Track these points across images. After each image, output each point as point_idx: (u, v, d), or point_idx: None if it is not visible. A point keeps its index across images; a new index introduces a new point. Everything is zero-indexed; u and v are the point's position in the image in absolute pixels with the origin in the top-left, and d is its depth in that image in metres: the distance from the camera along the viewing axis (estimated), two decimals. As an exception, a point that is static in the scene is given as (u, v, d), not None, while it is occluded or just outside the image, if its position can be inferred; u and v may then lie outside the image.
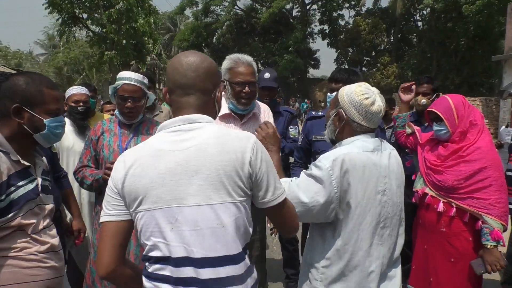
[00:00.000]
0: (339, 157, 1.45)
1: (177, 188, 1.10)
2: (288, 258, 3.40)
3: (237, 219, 1.13)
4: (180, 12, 30.94)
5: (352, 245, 1.48)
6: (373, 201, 1.49)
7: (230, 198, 1.12)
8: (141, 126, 2.32)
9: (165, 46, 35.20)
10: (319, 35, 31.20)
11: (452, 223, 2.16)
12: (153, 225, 1.11)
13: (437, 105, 2.28)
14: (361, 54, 28.72)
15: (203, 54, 1.27)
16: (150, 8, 18.24)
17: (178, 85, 1.21)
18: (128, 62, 18.82)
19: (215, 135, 1.15)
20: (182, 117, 1.18)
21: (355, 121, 1.54)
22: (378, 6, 29.21)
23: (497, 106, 13.69)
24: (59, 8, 16.59)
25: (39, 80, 1.47)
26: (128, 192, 1.13)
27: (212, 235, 1.10)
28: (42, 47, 40.88)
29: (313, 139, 2.65)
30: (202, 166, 1.11)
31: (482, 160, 2.10)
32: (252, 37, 31.43)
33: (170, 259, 1.10)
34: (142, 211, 1.12)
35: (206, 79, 1.22)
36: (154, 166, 1.12)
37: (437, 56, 23.25)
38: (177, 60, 1.23)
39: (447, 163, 2.18)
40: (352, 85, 1.59)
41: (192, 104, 1.21)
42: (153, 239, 1.11)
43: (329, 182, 1.43)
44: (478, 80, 22.52)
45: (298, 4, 29.78)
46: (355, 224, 1.48)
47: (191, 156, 1.12)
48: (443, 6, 19.94)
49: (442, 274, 2.18)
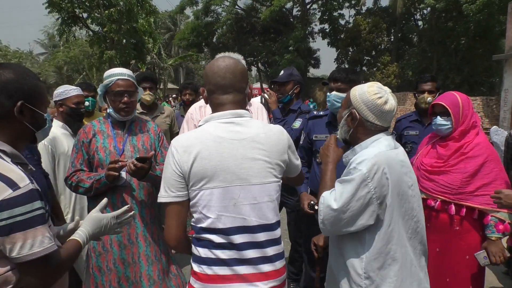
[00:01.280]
0: (373, 159, 1.47)
1: (239, 170, 1.37)
2: (292, 257, 3.40)
3: (278, 196, 1.47)
4: (180, 11, 30.89)
5: (393, 243, 1.50)
6: (406, 196, 1.53)
7: (276, 179, 1.45)
8: (133, 126, 2.28)
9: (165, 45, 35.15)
10: (319, 34, 31.14)
11: (464, 221, 2.17)
12: (218, 200, 1.36)
13: (445, 98, 2.24)
14: (361, 53, 28.65)
15: (235, 58, 1.51)
16: (151, 8, 18.21)
17: (219, 86, 1.45)
18: (128, 61, 18.79)
19: (263, 130, 1.45)
20: (232, 111, 1.44)
21: (369, 121, 1.56)
22: (379, 5, 29.14)
23: (497, 105, 13.66)
24: (59, 8, 16.56)
25: (28, 72, 1.33)
26: (196, 172, 1.36)
27: (266, 207, 1.41)
28: (42, 46, 40.88)
29: (314, 139, 2.66)
30: (257, 154, 1.40)
31: (483, 155, 2.13)
32: (252, 36, 31.37)
33: (231, 228, 1.36)
34: (209, 189, 1.36)
35: (241, 80, 1.47)
36: (218, 151, 1.37)
37: (438, 56, 23.20)
38: (215, 65, 1.46)
39: (451, 162, 2.17)
40: (364, 85, 1.61)
41: (231, 101, 1.45)
42: (217, 212, 1.36)
43: (364, 184, 1.45)
44: (479, 80, 22.48)
45: (298, 4, 29.72)
46: (394, 222, 1.50)
47: (248, 145, 1.40)
48: (444, 5, 19.89)
49: (460, 272, 2.18)
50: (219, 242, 1.37)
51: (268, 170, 1.42)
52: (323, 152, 1.76)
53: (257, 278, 1.38)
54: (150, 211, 2.25)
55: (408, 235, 1.54)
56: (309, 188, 2.73)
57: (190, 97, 4.34)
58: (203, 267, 1.39)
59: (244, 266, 1.37)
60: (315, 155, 2.69)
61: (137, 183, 2.18)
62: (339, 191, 1.50)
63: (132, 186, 2.17)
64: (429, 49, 23.80)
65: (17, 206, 1.11)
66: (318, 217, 1.57)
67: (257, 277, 1.38)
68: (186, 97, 4.36)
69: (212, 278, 1.37)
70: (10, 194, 1.10)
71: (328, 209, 1.50)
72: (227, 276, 1.36)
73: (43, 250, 1.16)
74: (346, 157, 1.68)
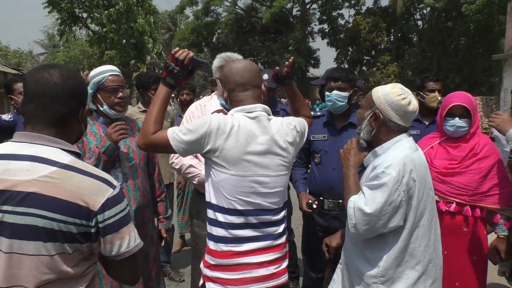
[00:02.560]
0: (401, 162, 1.51)
1: (262, 162, 1.55)
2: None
3: (286, 185, 1.69)
4: (180, 11, 30.87)
5: (414, 243, 1.55)
6: (427, 197, 1.58)
7: (288, 171, 1.67)
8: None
9: (165, 45, 35.15)
10: (319, 34, 31.14)
11: (472, 221, 2.18)
12: (242, 186, 1.52)
13: (464, 99, 2.18)
14: (361, 53, 28.62)
15: (249, 60, 1.75)
16: (150, 8, 18.21)
17: (238, 84, 1.61)
18: (128, 61, 18.80)
19: (282, 127, 1.63)
20: (258, 105, 1.60)
21: (392, 121, 1.60)
22: (378, 5, 29.12)
23: (497, 105, 13.65)
24: (59, 8, 16.56)
25: (79, 74, 1.31)
26: (224, 155, 1.51)
27: (280, 194, 1.63)
28: (42, 46, 40.90)
29: (312, 139, 2.65)
30: (278, 148, 1.59)
31: (493, 155, 2.16)
32: (252, 36, 31.37)
33: (249, 210, 1.54)
34: (233, 175, 1.52)
35: (257, 77, 1.66)
36: (247, 142, 1.52)
37: (437, 55, 23.20)
38: (233, 66, 1.64)
39: (465, 163, 2.16)
40: (386, 86, 1.65)
41: (250, 96, 1.61)
42: (237, 196, 1.53)
43: (395, 188, 1.49)
44: (479, 79, 22.48)
45: (298, 3, 29.70)
46: (417, 222, 1.55)
47: (272, 140, 1.57)
48: (443, 5, 19.90)
49: (470, 274, 2.18)
50: (237, 223, 1.54)
51: (284, 165, 1.62)
52: (344, 156, 1.79)
53: (265, 251, 1.59)
54: (145, 212, 2.25)
55: (428, 235, 1.58)
56: (307, 188, 2.73)
57: (188, 97, 4.33)
58: (219, 245, 1.55)
59: (255, 242, 1.57)
60: (313, 156, 2.69)
61: (133, 185, 2.19)
62: (369, 196, 1.53)
63: (128, 187, 2.18)
64: (429, 49, 23.79)
65: (119, 203, 1.16)
66: (348, 221, 1.60)
67: (265, 251, 1.59)
68: (184, 97, 4.35)
69: (227, 254, 1.55)
70: (112, 193, 1.14)
71: (360, 213, 1.53)
72: (241, 251, 1.55)
73: (140, 242, 1.23)
74: (367, 159, 1.72)
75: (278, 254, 1.62)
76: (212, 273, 1.57)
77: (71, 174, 1.10)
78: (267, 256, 1.58)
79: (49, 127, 1.16)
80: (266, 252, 1.59)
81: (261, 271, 1.56)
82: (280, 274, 1.63)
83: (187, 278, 3.68)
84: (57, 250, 1.08)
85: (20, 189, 1.06)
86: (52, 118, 1.16)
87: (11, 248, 1.06)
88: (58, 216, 1.06)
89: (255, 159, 1.54)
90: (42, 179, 1.07)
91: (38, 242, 1.06)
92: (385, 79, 24.81)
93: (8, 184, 1.06)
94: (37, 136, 1.14)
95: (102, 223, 1.11)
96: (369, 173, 1.62)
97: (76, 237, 1.09)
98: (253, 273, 1.55)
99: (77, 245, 1.11)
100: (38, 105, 1.15)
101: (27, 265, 1.07)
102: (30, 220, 1.05)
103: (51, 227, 1.06)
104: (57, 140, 1.16)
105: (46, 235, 1.06)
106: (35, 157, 1.10)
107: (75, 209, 1.08)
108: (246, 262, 1.55)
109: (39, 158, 1.10)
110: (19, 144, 1.13)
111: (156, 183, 2.43)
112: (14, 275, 1.07)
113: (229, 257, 1.55)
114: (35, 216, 1.05)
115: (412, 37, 28.64)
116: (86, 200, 1.09)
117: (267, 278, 1.58)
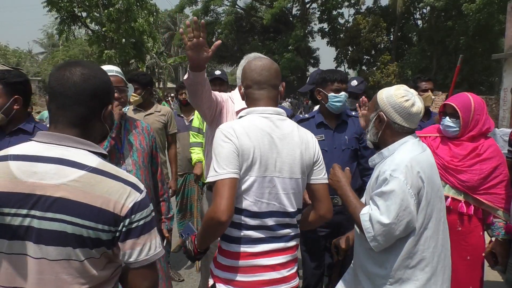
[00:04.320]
0: (408, 165, 1.50)
1: (276, 163, 1.51)
2: None
3: (303, 189, 1.62)
4: (180, 10, 30.87)
5: (423, 244, 1.54)
6: (436, 197, 1.57)
7: (303, 175, 1.58)
8: (128, 124, 2.26)
9: (165, 44, 35.13)
10: (319, 33, 31.14)
11: (467, 220, 2.17)
12: (255, 187, 1.49)
13: (457, 100, 2.17)
14: (361, 52, 28.63)
15: (270, 59, 1.68)
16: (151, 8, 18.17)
17: (255, 82, 1.59)
18: (127, 60, 18.79)
19: (296, 129, 1.58)
20: (271, 108, 1.57)
21: (396, 123, 1.60)
22: (378, 4, 29.14)
23: (496, 104, 13.66)
24: (58, 7, 16.54)
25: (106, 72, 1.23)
26: (246, 157, 1.47)
27: (295, 197, 1.57)
28: (42, 45, 40.82)
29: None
30: (292, 150, 1.54)
31: (496, 157, 2.14)
32: (252, 35, 31.37)
33: (265, 212, 1.51)
34: (252, 176, 1.48)
35: (276, 77, 1.62)
36: (263, 142, 1.49)
37: (437, 55, 23.21)
38: (253, 64, 1.62)
39: (467, 162, 2.15)
40: (390, 88, 1.65)
41: (265, 96, 1.59)
42: (254, 197, 1.49)
43: (406, 192, 1.48)
44: (478, 79, 22.50)
45: (298, 3, 29.70)
46: (426, 222, 1.54)
47: (285, 142, 1.53)
48: (443, 5, 19.91)
49: (462, 274, 2.15)
50: (252, 224, 1.51)
51: (298, 166, 1.57)
52: (334, 179, 1.77)
53: (278, 253, 1.56)
54: None
55: (436, 236, 1.58)
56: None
57: (186, 96, 4.32)
58: (232, 246, 1.53)
59: (268, 244, 1.54)
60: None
61: None
62: (383, 205, 1.51)
63: None
64: (428, 48, 23.79)
65: (145, 208, 1.12)
66: (366, 235, 1.57)
67: (278, 253, 1.56)
68: (183, 97, 4.34)
69: (241, 255, 1.52)
70: (139, 197, 1.10)
71: (379, 225, 1.51)
72: (254, 253, 1.52)
73: (161, 251, 1.17)
74: (373, 160, 1.71)
75: (290, 256, 1.60)
76: (224, 274, 1.55)
77: (100, 178, 1.07)
78: (280, 258, 1.56)
79: (71, 127, 1.11)
80: (279, 254, 1.56)
81: (273, 275, 1.54)
82: (292, 278, 1.60)
83: (187, 278, 3.68)
84: (86, 255, 1.06)
85: (49, 193, 1.02)
86: (73, 118, 1.11)
87: (40, 253, 1.04)
88: (88, 223, 1.03)
89: (269, 159, 1.51)
90: (71, 183, 1.04)
91: (67, 248, 1.04)
92: (385, 78, 24.82)
93: (35, 188, 1.03)
94: (63, 137, 1.09)
95: (126, 227, 1.08)
96: (376, 176, 1.61)
97: (104, 242, 1.07)
98: (265, 276, 1.53)
99: (104, 249, 1.09)
100: (59, 105, 1.11)
101: (57, 271, 1.05)
102: (58, 226, 1.02)
103: (80, 234, 1.04)
104: (83, 141, 1.11)
105: (75, 241, 1.04)
106: (62, 160, 1.06)
107: (105, 216, 1.05)
108: (259, 264, 1.53)
109: (67, 161, 1.06)
110: (44, 145, 1.09)
111: (159, 183, 2.42)
112: (46, 280, 1.05)
113: (243, 259, 1.53)
114: (64, 222, 1.02)
115: (412, 36, 28.65)
116: (115, 205, 1.06)
117: (279, 281, 1.56)
